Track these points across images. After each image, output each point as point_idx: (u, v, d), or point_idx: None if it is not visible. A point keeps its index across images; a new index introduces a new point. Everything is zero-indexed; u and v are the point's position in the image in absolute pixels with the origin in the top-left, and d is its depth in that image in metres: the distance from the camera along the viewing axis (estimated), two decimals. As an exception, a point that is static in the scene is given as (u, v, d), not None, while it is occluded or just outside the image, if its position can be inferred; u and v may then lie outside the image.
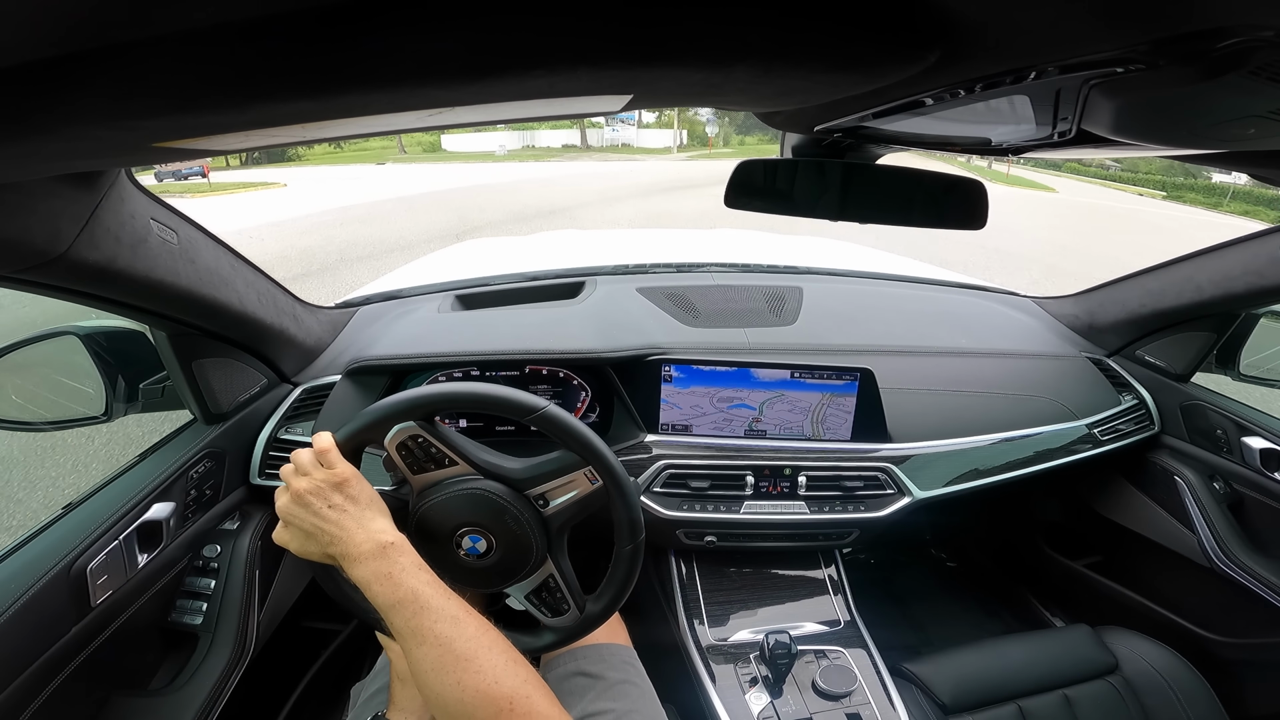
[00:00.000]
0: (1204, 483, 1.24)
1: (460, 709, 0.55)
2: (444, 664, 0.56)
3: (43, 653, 0.73)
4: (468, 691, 0.55)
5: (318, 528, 0.63)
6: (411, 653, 0.58)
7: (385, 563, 0.61)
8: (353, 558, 0.61)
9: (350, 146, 41.47)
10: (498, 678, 0.56)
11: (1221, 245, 1.16)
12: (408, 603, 0.58)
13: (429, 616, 0.58)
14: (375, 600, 0.60)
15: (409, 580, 0.60)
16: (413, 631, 0.58)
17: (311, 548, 0.64)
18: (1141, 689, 1.01)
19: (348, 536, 0.62)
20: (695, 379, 1.12)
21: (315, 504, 0.64)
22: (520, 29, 0.28)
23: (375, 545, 0.61)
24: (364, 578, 0.60)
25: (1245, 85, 0.31)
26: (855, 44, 0.34)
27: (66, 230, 0.61)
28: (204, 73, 0.29)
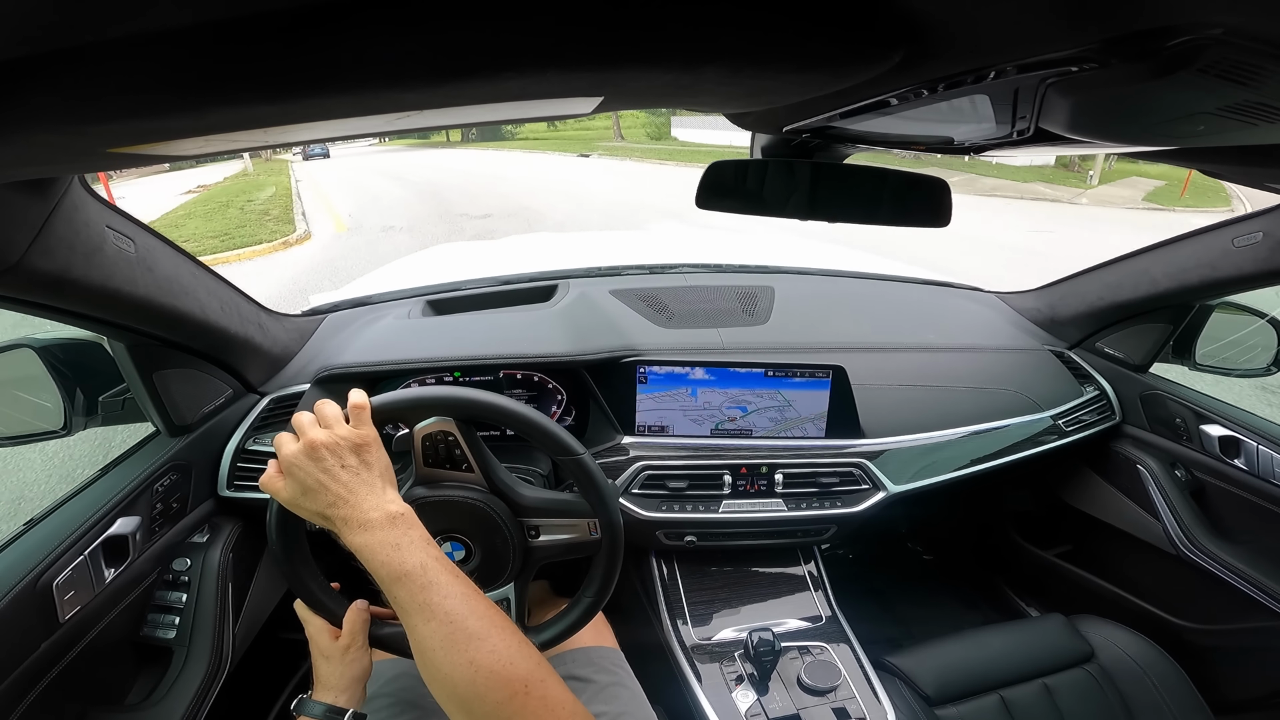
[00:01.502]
0: (1166, 471, 1.28)
1: (470, 690, 0.52)
2: (454, 641, 0.53)
3: (12, 670, 0.71)
4: (480, 671, 0.52)
5: (322, 485, 0.60)
6: (418, 629, 0.55)
7: (394, 533, 0.58)
8: (357, 523, 0.58)
9: (564, 128, 39.11)
10: (512, 659, 0.53)
11: (1175, 239, 1.20)
12: (415, 575, 0.56)
13: (437, 592, 0.56)
14: (378, 571, 0.57)
15: (417, 553, 0.57)
16: (419, 606, 0.55)
17: (306, 503, 0.61)
18: (1118, 676, 1.03)
19: (356, 501, 0.59)
20: (670, 380, 1.12)
21: (328, 460, 0.61)
22: (488, 32, 0.27)
23: (384, 514, 0.59)
24: (368, 545, 0.57)
25: (1194, 82, 0.32)
26: (822, 44, 0.35)
27: (18, 240, 0.59)
28: (160, 76, 0.28)
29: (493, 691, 0.51)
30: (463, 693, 0.52)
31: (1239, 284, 1.11)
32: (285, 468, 0.62)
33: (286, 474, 0.62)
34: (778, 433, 1.16)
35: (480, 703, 0.52)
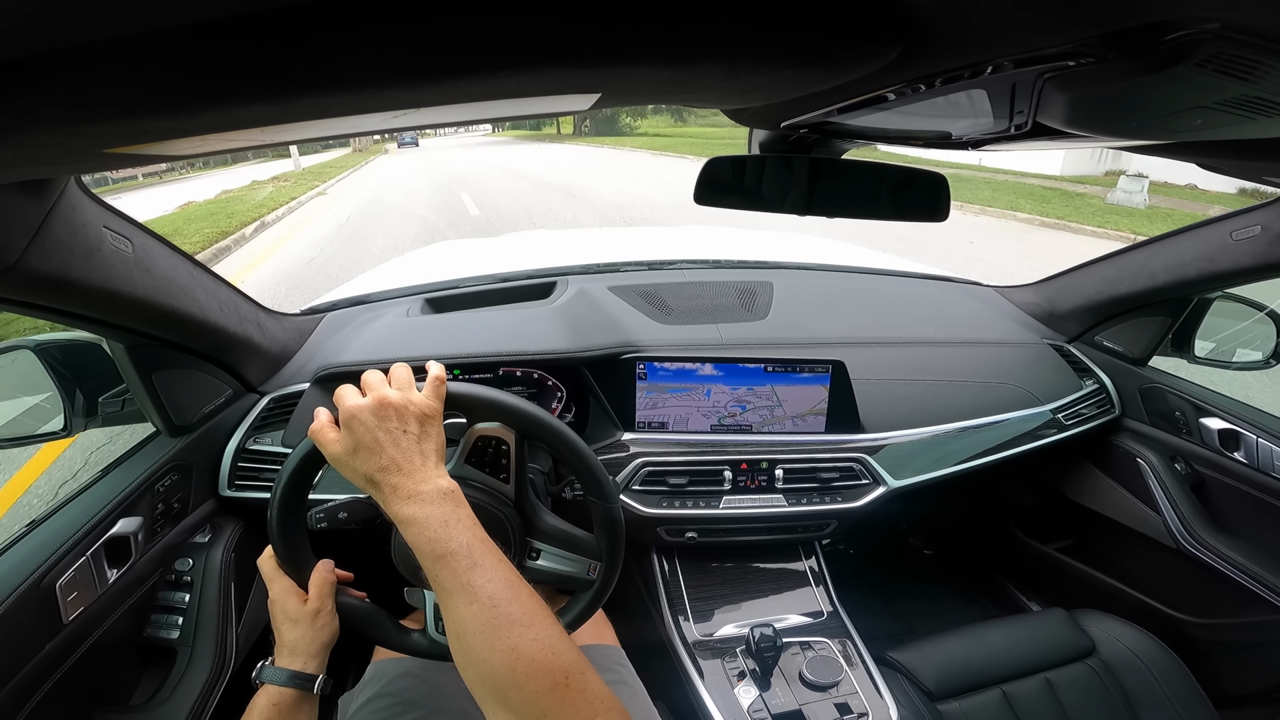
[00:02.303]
0: (1166, 464, 1.28)
1: (510, 677, 0.50)
2: (496, 626, 0.52)
3: (17, 671, 0.71)
4: (522, 659, 0.50)
5: (380, 445, 0.58)
6: (458, 610, 0.53)
7: (443, 508, 0.56)
8: (406, 493, 0.56)
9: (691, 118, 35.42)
10: (555, 648, 0.52)
11: (1174, 233, 1.20)
12: (460, 555, 0.54)
13: (481, 574, 0.54)
14: (421, 546, 0.55)
15: (464, 533, 0.56)
16: (462, 587, 0.53)
17: (357, 462, 0.58)
18: (1119, 671, 1.03)
19: (410, 470, 0.58)
20: (669, 376, 1.12)
21: (393, 422, 0.59)
22: (485, 29, 0.27)
23: (435, 488, 0.57)
24: (415, 518, 0.55)
25: (1192, 77, 0.32)
26: (820, 40, 0.34)
27: (15, 241, 0.59)
28: (156, 76, 0.28)
29: (533, 680, 0.50)
30: (501, 680, 0.51)
31: (1237, 277, 1.11)
32: (345, 420, 0.59)
33: (344, 427, 0.59)
34: (778, 428, 1.16)
35: (518, 691, 0.50)
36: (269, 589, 0.70)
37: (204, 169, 27.38)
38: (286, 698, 0.64)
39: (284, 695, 0.64)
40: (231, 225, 9.24)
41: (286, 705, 0.64)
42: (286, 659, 0.67)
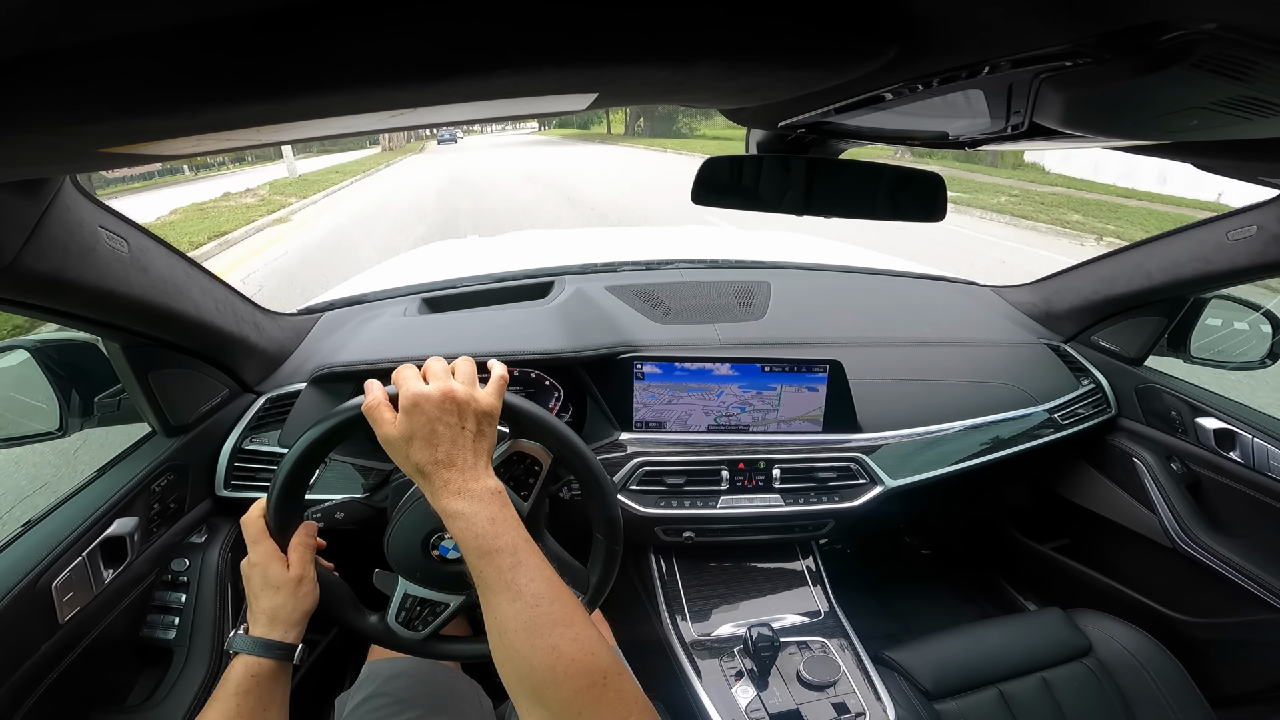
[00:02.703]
0: (1161, 464, 1.28)
1: (549, 676, 0.50)
2: (537, 625, 0.52)
3: (14, 671, 0.71)
4: (562, 658, 0.50)
5: (438, 438, 0.58)
6: (500, 608, 0.53)
7: (492, 507, 0.57)
8: (457, 488, 0.57)
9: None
10: (594, 649, 0.52)
11: (1170, 233, 1.20)
12: (505, 553, 0.55)
13: (525, 573, 0.54)
14: (468, 543, 0.56)
15: (510, 532, 0.56)
16: (506, 585, 0.54)
17: (411, 450, 0.58)
18: (1116, 670, 1.04)
19: (464, 467, 0.58)
20: (667, 376, 1.12)
21: (454, 417, 0.59)
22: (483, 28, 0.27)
23: (485, 487, 0.58)
24: (464, 513, 0.56)
25: (1188, 78, 0.32)
26: (817, 40, 0.35)
27: (10, 241, 0.58)
28: (153, 76, 0.28)
29: (571, 680, 0.50)
30: (540, 678, 0.51)
31: (1233, 277, 1.11)
32: (407, 405, 0.58)
33: (404, 412, 0.59)
34: (775, 428, 1.16)
35: (556, 690, 0.50)
36: (250, 550, 0.67)
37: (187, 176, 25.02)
38: (265, 669, 0.62)
39: (263, 666, 0.62)
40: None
41: (265, 676, 0.62)
42: (265, 627, 0.64)
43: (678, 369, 1.12)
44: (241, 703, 0.60)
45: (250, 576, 0.66)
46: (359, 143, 37.60)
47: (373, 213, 10.28)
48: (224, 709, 0.59)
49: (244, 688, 0.61)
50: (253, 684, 0.61)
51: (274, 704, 0.62)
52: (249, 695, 0.60)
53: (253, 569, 0.66)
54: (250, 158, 32.26)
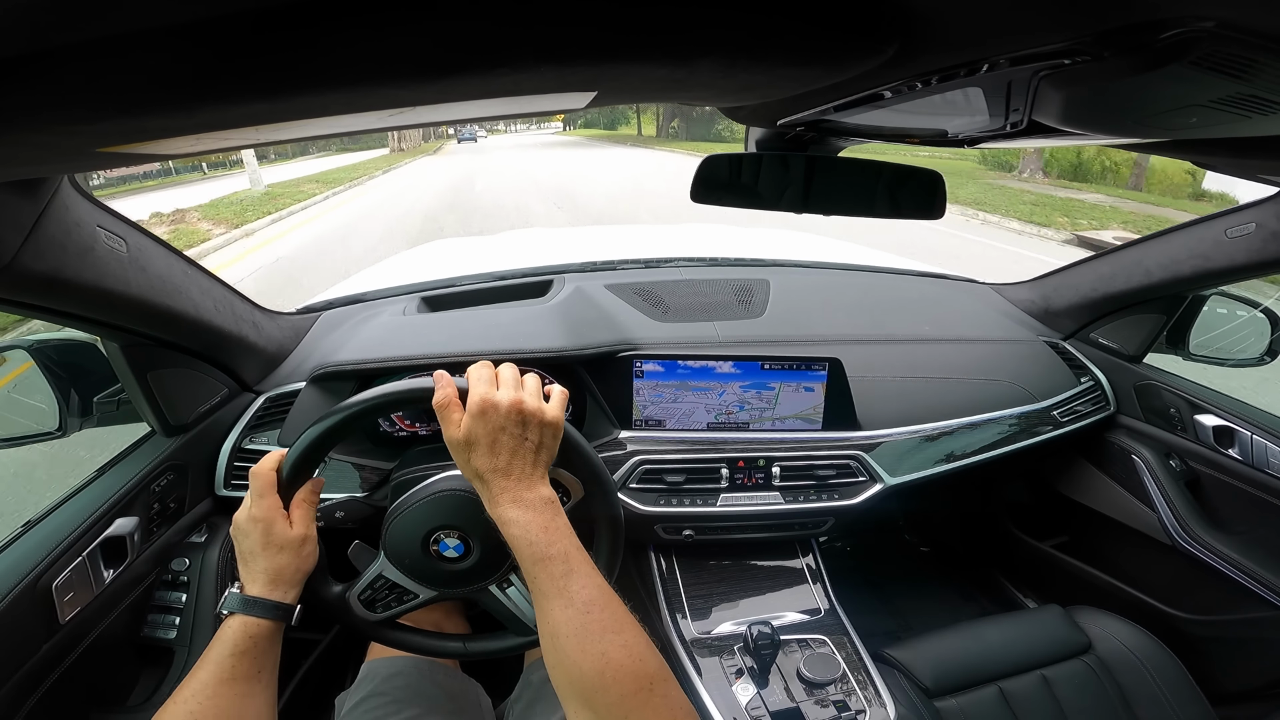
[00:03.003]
0: (1161, 461, 1.28)
1: (598, 681, 0.51)
2: (588, 631, 0.53)
3: (15, 672, 0.71)
4: (611, 664, 0.52)
5: (501, 447, 0.59)
6: (554, 613, 0.55)
7: (546, 515, 0.59)
8: (513, 496, 0.59)
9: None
10: (643, 655, 0.53)
11: (1168, 230, 1.20)
12: (558, 560, 0.56)
13: (577, 580, 0.56)
14: (523, 550, 0.57)
15: (563, 540, 0.58)
16: (559, 591, 0.55)
17: (473, 455, 0.60)
18: (1115, 667, 1.04)
19: (521, 476, 0.60)
20: (666, 374, 1.12)
21: (519, 429, 0.60)
22: (482, 27, 0.27)
23: (540, 496, 0.60)
24: (519, 521, 0.58)
25: (1187, 75, 0.32)
26: (816, 38, 0.35)
27: (9, 241, 0.58)
28: (151, 75, 0.28)
29: (620, 685, 0.51)
30: (590, 683, 0.52)
31: (1232, 274, 1.11)
32: (476, 410, 0.60)
33: (473, 416, 0.60)
34: (774, 425, 1.16)
35: (605, 694, 0.51)
36: (253, 505, 0.64)
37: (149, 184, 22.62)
38: (264, 630, 0.61)
39: (261, 627, 0.60)
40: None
41: (263, 637, 0.61)
42: (265, 587, 0.62)
43: (677, 367, 1.12)
44: (238, 664, 0.59)
45: (249, 533, 0.64)
46: (369, 142, 36.21)
47: (313, 260, 7.13)
48: (218, 670, 0.58)
49: (241, 648, 0.59)
50: (250, 645, 0.60)
51: (267, 666, 0.62)
52: (245, 656, 0.59)
53: (254, 525, 0.63)
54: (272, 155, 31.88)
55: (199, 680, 0.57)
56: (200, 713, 0.55)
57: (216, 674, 0.58)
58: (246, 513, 0.64)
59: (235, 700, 0.57)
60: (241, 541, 0.64)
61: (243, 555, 0.64)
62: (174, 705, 0.55)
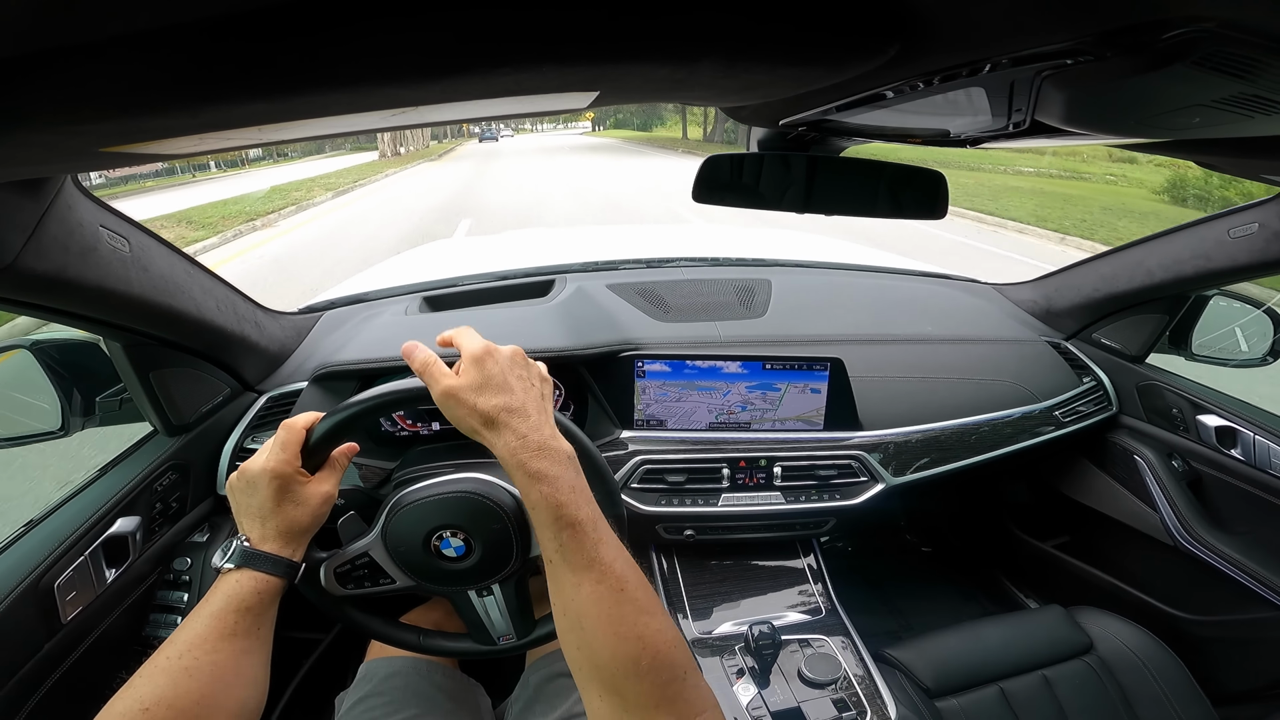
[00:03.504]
0: (1163, 461, 1.28)
1: (632, 666, 0.47)
2: (622, 611, 0.49)
3: (16, 671, 0.71)
4: (648, 649, 0.47)
5: (511, 386, 0.55)
6: (582, 588, 0.49)
7: (571, 473, 0.53)
8: (537, 444, 0.53)
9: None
10: (676, 640, 0.49)
11: (1171, 230, 1.20)
12: (587, 526, 0.51)
13: (607, 550, 0.50)
14: (546, 511, 0.51)
15: (590, 503, 0.53)
16: (590, 562, 0.50)
17: (482, 398, 0.54)
18: (1117, 668, 1.04)
19: (539, 422, 0.54)
20: (668, 374, 1.12)
21: (524, 370, 0.57)
22: (484, 26, 0.27)
23: (564, 450, 0.54)
24: (549, 474, 0.52)
25: (1190, 75, 0.32)
26: (818, 38, 0.34)
27: (12, 241, 0.58)
28: (153, 75, 0.28)
29: (655, 673, 0.47)
30: (623, 669, 0.47)
31: (1234, 275, 1.11)
32: (476, 355, 0.56)
33: (472, 362, 0.56)
34: (776, 425, 1.16)
35: (637, 681, 0.47)
36: (273, 457, 0.61)
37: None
38: (269, 586, 0.58)
39: (267, 583, 0.58)
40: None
41: (269, 593, 0.58)
42: (276, 543, 0.60)
43: (678, 367, 1.12)
44: (239, 620, 0.56)
45: (260, 487, 0.61)
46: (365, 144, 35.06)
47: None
48: (219, 625, 0.55)
49: (246, 604, 0.56)
50: (255, 600, 0.57)
51: (265, 624, 0.59)
52: (248, 613, 0.56)
53: (268, 479, 0.60)
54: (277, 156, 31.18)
55: (195, 634, 0.54)
56: (196, 668, 0.52)
57: (216, 629, 0.54)
58: (260, 463, 0.61)
59: (234, 656, 0.54)
60: (249, 496, 0.61)
61: (250, 510, 0.61)
62: (166, 660, 0.52)
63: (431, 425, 1.16)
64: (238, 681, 0.54)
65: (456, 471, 0.75)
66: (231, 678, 0.54)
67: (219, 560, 0.59)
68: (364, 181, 16.54)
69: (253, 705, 0.56)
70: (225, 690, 0.53)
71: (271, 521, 0.60)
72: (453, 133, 44.09)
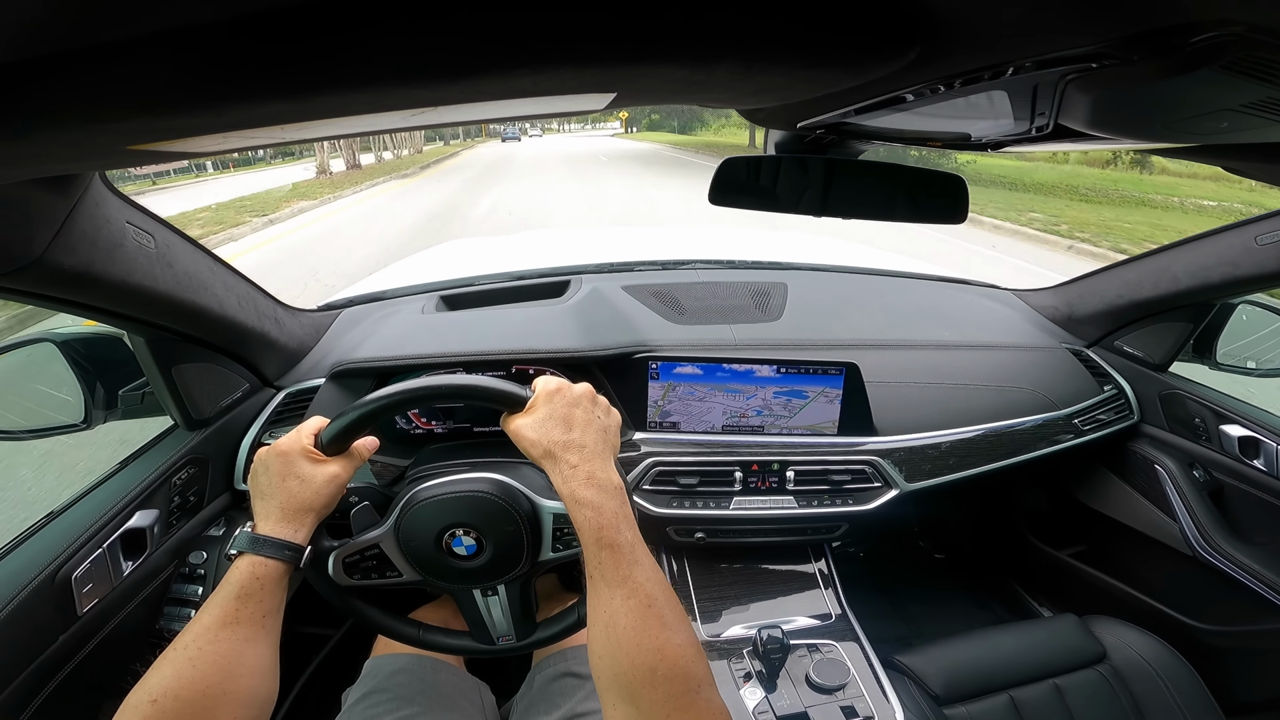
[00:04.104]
0: (1184, 471, 1.26)
1: (649, 676, 0.51)
2: (647, 625, 0.53)
3: (30, 661, 0.72)
4: (665, 660, 0.51)
5: (574, 422, 0.62)
6: (614, 603, 0.54)
7: (616, 502, 0.58)
8: (587, 475, 0.59)
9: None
10: (695, 656, 0.53)
11: (1197, 236, 1.18)
12: (625, 549, 0.56)
13: (641, 571, 0.55)
14: (591, 533, 0.57)
15: (630, 529, 0.58)
16: (623, 580, 0.55)
17: (543, 431, 0.61)
18: (1130, 677, 1.02)
19: (594, 456, 0.60)
20: (682, 376, 1.12)
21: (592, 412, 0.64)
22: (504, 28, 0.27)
23: (613, 482, 0.60)
24: (593, 503, 0.57)
25: (1218, 79, 0.32)
26: (836, 41, 0.34)
27: (41, 235, 0.60)
28: (179, 75, 0.28)
29: (670, 683, 0.51)
30: (640, 677, 0.51)
31: (1262, 282, 1.09)
32: (548, 392, 0.64)
33: (544, 399, 0.63)
34: (790, 429, 1.15)
35: (653, 691, 0.50)
36: (288, 439, 0.64)
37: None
38: (271, 572, 0.59)
39: (268, 568, 0.59)
40: None
41: (270, 580, 0.59)
42: (276, 524, 0.61)
43: (693, 369, 1.12)
44: (241, 607, 0.56)
45: (270, 465, 0.63)
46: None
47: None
48: (221, 613, 0.56)
49: (248, 590, 0.57)
50: (256, 587, 0.58)
51: (272, 611, 0.59)
52: (250, 599, 0.57)
53: (277, 456, 0.63)
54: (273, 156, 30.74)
55: (201, 624, 0.55)
56: (199, 658, 0.52)
57: (220, 617, 0.55)
58: (275, 445, 0.64)
59: (236, 645, 0.55)
60: (259, 476, 0.63)
61: (260, 492, 0.63)
62: (174, 651, 0.53)
63: (446, 423, 1.17)
64: (243, 671, 0.55)
65: (472, 470, 0.75)
66: (236, 667, 0.54)
67: (228, 549, 0.60)
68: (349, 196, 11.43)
69: (262, 695, 0.57)
70: (231, 680, 0.53)
71: (275, 499, 0.62)
72: (470, 134, 43.56)
